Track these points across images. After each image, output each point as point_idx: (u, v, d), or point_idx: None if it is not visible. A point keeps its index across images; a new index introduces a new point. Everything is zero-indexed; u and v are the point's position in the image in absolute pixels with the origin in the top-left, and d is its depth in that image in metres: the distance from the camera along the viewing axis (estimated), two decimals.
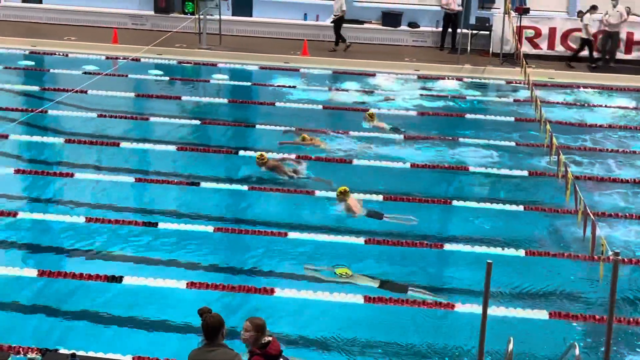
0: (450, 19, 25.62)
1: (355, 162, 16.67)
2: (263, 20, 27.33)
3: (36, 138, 17.06)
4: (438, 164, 16.79)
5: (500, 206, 14.73)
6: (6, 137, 16.72)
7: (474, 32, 25.58)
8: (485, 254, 12.62)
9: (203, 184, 15.02)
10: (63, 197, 14.44)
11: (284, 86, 22.02)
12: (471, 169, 16.59)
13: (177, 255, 12.45)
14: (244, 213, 14.11)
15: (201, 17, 25.21)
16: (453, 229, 14.02)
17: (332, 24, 25.57)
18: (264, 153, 14.17)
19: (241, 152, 16.79)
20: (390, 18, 26.87)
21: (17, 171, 15.34)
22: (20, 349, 9.60)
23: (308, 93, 21.58)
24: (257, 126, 18.63)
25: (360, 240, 13.11)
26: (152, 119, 18.67)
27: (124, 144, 16.89)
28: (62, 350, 9.47)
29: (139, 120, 18.60)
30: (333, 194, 14.46)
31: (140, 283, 11.51)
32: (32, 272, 11.64)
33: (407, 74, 23.59)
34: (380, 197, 14.82)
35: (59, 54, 24.04)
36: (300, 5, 27.36)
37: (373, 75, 23.37)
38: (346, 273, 11.97)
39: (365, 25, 27.07)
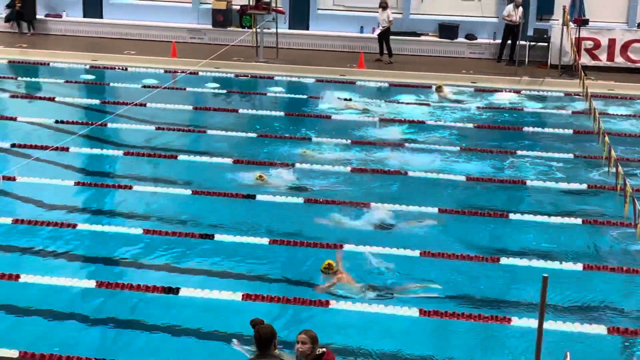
0: (512, 31, 25.42)
1: (411, 174, 16.63)
2: (320, 33, 27.44)
3: (96, 151, 17.34)
4: (495, 177, 16.68)
5: (557, 219, 14.55)
6: (67, 149, 17.01)
7: (532, 43, 25.37)
8: (541, 268, 12.48)
9: (259, 197, 15.10)
10: (121, 209, 14.64)
11: (340, 99, 22.06)
12: (528, 182, 16.44)
13: (232, 267, 12.52)
14: (299, 225, 14.12)
15: (258, 30, 25.40)
16: (509, 242, 13.88)
17: (378, 36, 25.61)
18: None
19: (297, 165, 16.86)
20: (447, 30, 26.80)
21: (77, 183, 15.60)
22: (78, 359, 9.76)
23: (364, 106, 21.57)
24: (314, 139, 18.69)
25: (416, 253, 13.05)
26: (209, 131, 18.85)
27: (181, 157, 17.07)
28: None
29: (196, 133, 18.78)
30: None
31: (196, 295, 11.60)
32: (91, 283, 11.81)
33: (464, 86, 23.49)
34: (435, 210, 14.75)
35: (119, 68, 24.43)
36: (357, 18, 27.44)
37: (429, 87, 23.30)
38: (330, 265, 12.04)
39: (422, 38, 27.03)
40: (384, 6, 25.44)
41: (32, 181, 15.41)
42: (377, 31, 25.68)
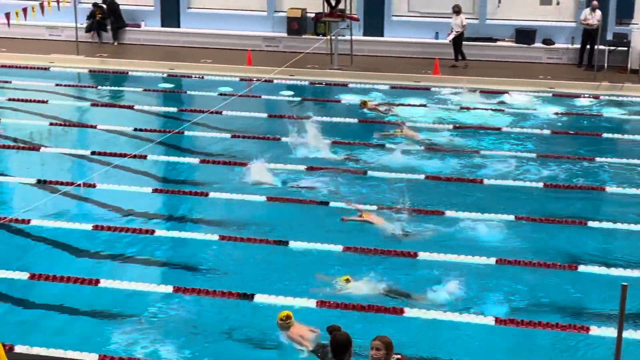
0: (589, 35, 25.00)
1: (486, 182, 16.47)
2: (394, 39, 27.39)
3: (173, 158, 17.60)
4: (573, 184, 16.41)
5: (638, 227, 14.25)
6: (145, 157, 17.30)
7: (612, 48, 24.90)
8: (621, 277, 12.23)
9: (332, 204, 15.12)
10: (198, 216, 14.80)
11: (414, 105, 22.00)
12: (608, 188, 16.14)
13: (307, 274, 12.55)
14: (374, 233, 14.10)
15: (333, 38, 25.48)
16: (588, 250, 13.62)
17: (451, 41, 25.43)
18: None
19: (370, 173, 16.84)
20: (524, 35, 26.48)
21: (155, 190, 15.84)
22: None
23: (439, 112, 21.48)
24: (387, 145, 18.65)
25: (492, 260, 12.92)
26: (283, 139, 18.96)
27: (253, 165, 17.15)
28: None
29: (270, 141, 18.91)
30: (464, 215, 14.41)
31: (271, 301, 11.67)
32: (168, 289, 11.97)
33: (541, 92, 23.19)
34: (512, 217, 14.58)
35: (195, 77, 24.75)
36: (432, 24, 27.31)
37: (506, 93, 23.06)
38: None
39: (498, 43, 26.76)
40: (457, 11, 25.28)
41: (111, 188, 15.70)
42: (451, 36, 25.53)
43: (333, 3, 25.14)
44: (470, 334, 11.07)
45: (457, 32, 25.27)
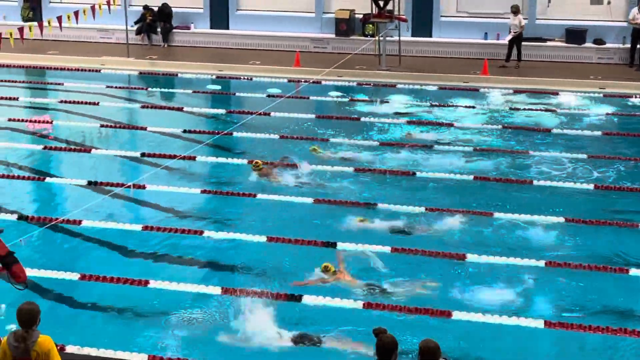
0: (638, 34, 24.65)
1: (536, 183, 16.33)
2: (443, 40, 27.26)
3: (222, 159, 17.69)
4: (624, 185, 16.20)
5: None
6: (194, 158, 17.43)
7: None
8: None
9: (380, 206, 15.09)
10: (246, 217, 14.85)
11: (463, 106, 21.89)
12: None
13: (355, 275, 12.52)
14: (419, 234, 14.06)
15: (381, 38, 25.44)
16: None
17: (509, 41, 25.19)
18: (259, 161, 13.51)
19: (418, 174, 16.79)
20: (575, 35, 26.18)
21: (204, 191, 15.94)
22: None
23: (487, 113, 21.34)
24: (435, 147, 18.58)
25: (541, 263, 12.80)
26: (332, 140, 18.97)
27: (303, 167, 17.19)
28: None
29: (319, 142, 18.92)
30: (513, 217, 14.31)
31: (318, 302, 11.69)
32: (217, 290, 12.05)
33: (592, 92, 22.93)
34: (561, 219, 14.43)
35: (244, 78, 24.88)
36: (481, 24, 27.14)
37: (556, 94, 22.84)
38: (326, 268, 12.28)
39: (548, 43, 26.50)
40: (515, 11, 25.01)
41: (160, 189, 15.85)
42: (509, 37, 25.24)
43: (381, 4, 25.09)
44: (518, 337, 10.98)
45: (515, 32, 25.00)
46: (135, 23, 28.53)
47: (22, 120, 20.68)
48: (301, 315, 11.47)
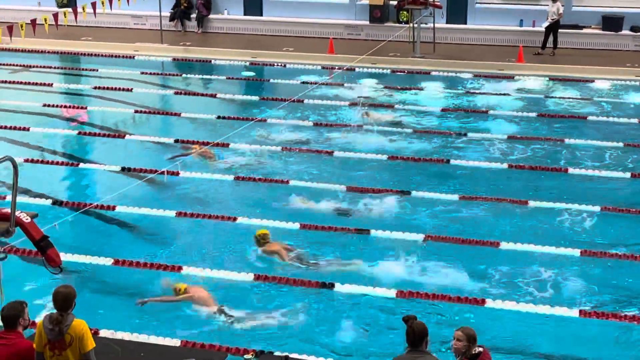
0: None
1: (571, 171, 16.15)
2: (477, 27, 27.04)
3: (255, 147, 17.65)
4: None
5: None
6: (227, 145, 17.43)
7: None
8: None
9: (414, 194, 15.01)
10: (280, 203, 14.80)
11: (497, 94, 21.70)
12: None
13: (387, 263, 12.49)
14: (453, 222, 13.98)
15: (415, 25, 25.28)
16: None
17: (545, 28, 24.90)
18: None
19: (452, 161, 16.68)
20: (611, 22, 25.86)
21: (237, 178, 15.91)
22: (237, 350, 9.97)
23: (522, 101, 21.15)
24: (469, 134, 18.44)
25: (576, 252, 12.67)
26: (365, 126, 18.90)
27: (337, 154, 17.17)
28: (277, 353, 9.76)
29: (352, 129, 18.86)
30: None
31: (350, 291, 11.64)
32: (249, 277, 12.03)
33: (628, 80, 22.64)
34: (597, 208, 14.26)
35: (278, 65, 24.83)
36: (516, 11, 26.89)
37: (592, 81, 22.59)
38: (264, 236, 12.66)
39: (584, 30, 26.19)
40: None
41: (194, 176, 15.88)
42: (546, 23, 24.96)
43: None
44: (553, 325, 10.88)
45: (552, 19, 24.70)
46: (171, 9, 28.60)
47: (57, 106, 20.81)
48: (335, 302, 11.43)
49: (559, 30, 24.96)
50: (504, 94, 21.65)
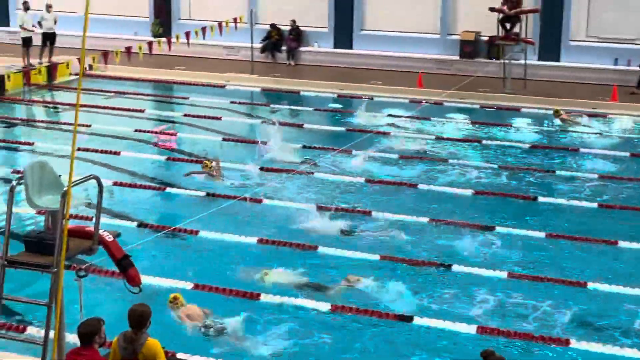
0: None
1: None
2: (571, 64, 26.58)
3: (339, 177, 17.61)
4: None
5: None
6: (312, 174, 17.46)
7: None
8: None
9: (498, 229, 14.73)
10: (362, 235, 14.63)
11: (589, 132, 21.26)
12: None
13: (468, 298, 12.24)
14: (538, 259, 13.65)
15: (506, 61, 25.00)
16: None
17: None
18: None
19: (540, 199, 16.34)
20: None
21: (320, 207, 15.73)
22: None
23: (614, 140, 20.66)
24: (558, 172, 18.08)
25: None
26: (450, 161, 18.70)
27: (421, 186, 17.01)
28: None
29: (437, 163, 18.68)
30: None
31: (430, 324, 11.44)
32: (326, 306, 11.92)
33: None
34: None
35: (365, 97, 24.84)
36: (611, 49, 26.36)
37: None
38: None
39: None
40: None
41: (276, 203, 15.91)
42: None
43: (508, 26, 24.69)
44: None
45: None
46: (262, 41, 28.97)
47: (148, 132, 21.19)
48: (413, 335, 11.25)
49: None
50: (596, 133, 21.20)
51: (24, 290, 10.27)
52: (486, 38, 26.90)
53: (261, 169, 17.91)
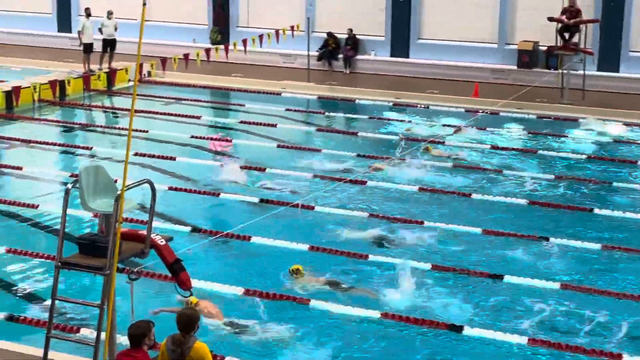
0: None
1: None
2: (630, 75, 26.21)
3: (391, 185, 17.58)
4: None
5: None
6: (364, 183, 17.47)
7: None
8: None
9: (552, 240, 14.57)
10: (408, 243, 14.56)
11: None
12: None
13: (518, 310, 12.12)
14: (592, 272, 13.47)
15: (564, 71, 24.73)
16: None
17: None
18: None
19: (596, 211, 16.13)
20: None
21: (371, 215, 15.75)
22: None
23: None
24: (614, 184, 17.84)
25: None
26: (505, 171, 18.56)
27: (475, 196, 16.91)
28: None
29: (492, 173, 18.55)
30: None
31: (480, 334, 11.35)
32: (375, 314, 11.91)
33: None
34: None
35: (420, 106, 24.74)
36: None
37: None
38: (297, 270, 12.71)
39: None
40: None
41: (327, 210, 15.94)
42: None
43: (567, 36, 24.44)
44: None
45: None
46: (319, 49, 29.08)
47: (204, 138, 21.40)
48: (463, 346, 11.18)
49: None
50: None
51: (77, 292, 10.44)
52: (544, 48, 26.61)
53: (314, 176, 17.97)
